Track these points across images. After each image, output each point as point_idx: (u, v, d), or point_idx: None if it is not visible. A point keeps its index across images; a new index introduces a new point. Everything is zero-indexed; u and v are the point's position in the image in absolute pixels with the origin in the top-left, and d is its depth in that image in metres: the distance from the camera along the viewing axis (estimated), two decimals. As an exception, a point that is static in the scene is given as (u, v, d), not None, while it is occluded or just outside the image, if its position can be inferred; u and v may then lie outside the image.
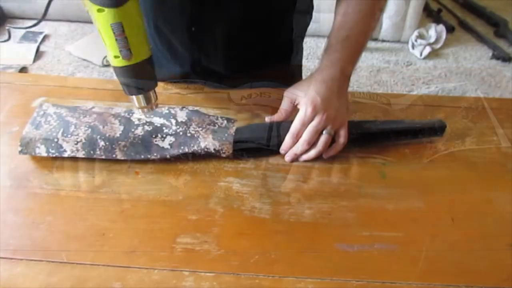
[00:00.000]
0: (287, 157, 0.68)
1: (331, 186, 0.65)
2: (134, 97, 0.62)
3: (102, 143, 0.65)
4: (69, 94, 0.78)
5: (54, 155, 0.64)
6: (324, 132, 0.66)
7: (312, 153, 0.67)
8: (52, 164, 0.66)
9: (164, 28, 0.81)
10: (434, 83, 2.22)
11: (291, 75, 0.94)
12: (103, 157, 0.65)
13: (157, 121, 0.69)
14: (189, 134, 0.67)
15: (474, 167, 0.69)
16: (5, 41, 2.32)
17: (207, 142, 0.66)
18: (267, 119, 0.71)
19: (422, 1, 2.32)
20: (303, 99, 0.67)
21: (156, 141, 0.66)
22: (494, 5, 2.73)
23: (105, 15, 0.52)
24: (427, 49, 2.37)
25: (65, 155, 0.64)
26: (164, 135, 0.67)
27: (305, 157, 0.68)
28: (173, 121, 0.68)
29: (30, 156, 0.66)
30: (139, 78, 0.60)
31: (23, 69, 2.17)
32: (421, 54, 2.36)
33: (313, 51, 2.37)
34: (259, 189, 0.64)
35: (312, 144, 0.67)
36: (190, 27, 0.76)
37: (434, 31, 2.43)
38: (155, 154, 0.65)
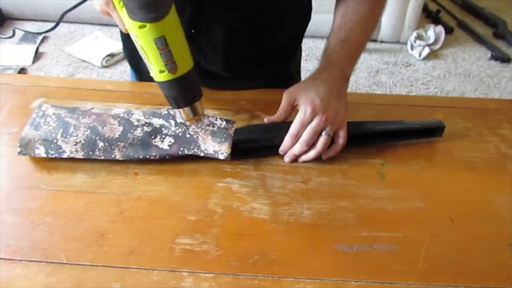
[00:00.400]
0: (286, 158, 0.68)
1: (330, 186, 0.65)
2: (180, 110, 0.60)
3: (101, 144, 0.65)
4: (68, 95, 0.78)
5: (53, 156, 0.64)
6: (323, 133, 0.66)
7: (312, 154, 0.67)
8: (51, 164, 0.66)
9: None
10: (433, 84, 2.22)
11: (289, 76, 0.94)
12: (102, 157, 0.65)
13: (156, 122, 0.69)
14: (188, 135, 0.67)
15: (473, 168, 0.70)
16: (9, 37, 2.32)
17: (206, 143, 0.66)
18: (266, 119, 0.71)
19: (421, 2, 2.32)
20: (302, 99, 0.67)
21: (155, 142, 0.66)
22: (493, 6, 2.74)
23: (148, 30, 0.51)
24: (426, 50, 2.37)
25: (64, 156, 0.64)
26: (163, 136, 0.67)
27: (304, 157, 0.68)
28: (172, 122, 0.68)
29: (29, 157, 0.66)
30: (186, 89, 0.59)
31: (22, 70, 2.16)
32: (420, 55, 2.37)
33: (311, 52, 2.37)
34: (258, 190, 0.64)
35: (311, 145, 0.67)
36: (189, 29, 0.76)
37: (433, 32, 2.43)
38: (154, 153, 0.65)
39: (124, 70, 2.18)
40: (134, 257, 0.54)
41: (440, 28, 2.46)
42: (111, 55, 2.23)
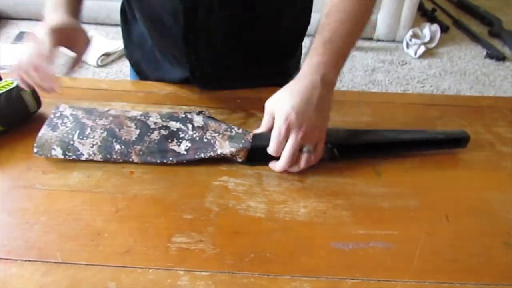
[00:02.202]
0: (276, 169, 0.65)
1: (326, 185, 0.65)
2: None
3: (117, 146, 0.65)
4: (63, 94, 0.78)
5: (71, 158, 0.64)
6: (303, 150, 0.63)
7: (295, 170, 0.64)
8: (47, 164, 0.65)
9: (163, 43, 0.81)
10: (429, 82, 2.22)
11: (290, 76, 0.93)
12: (120, 160, 0.65)
13: (174, 125, 0.68)
14: (205, 140, 0.66)
15: (469, 166, 0.70)
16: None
17: (223, 148, 0.65)
18: (253, 133, 0.67)
19: (416, 0, 2.33)
20: (278, 113, 0.62)
21: (172, 145, 0.66)
22: (489, 4, 2.75)
23: None
24: (422, 49, 2.37)
25: (83, 158, 0.64)
26: (180, 140, 0.66)
27: (290, 170, 0.65)
28: (190, 126, 0.68)
29: (24, 157, 0.66)
30: None
31: (18, 70, 2.15)
32: (415, 54, 2.37)
33: (309, 51, 2.37)
34: (254, 188, 0.64)
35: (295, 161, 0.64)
36: (186, 35, 0.76)
37: (429, 30, 2.44)
38: (170, 158, 0.65)
39: (120, 69, 2.18)
40: (130, 256, 0.54)
41: (435, 27, 2.46)
42: (107, 55, 2.22)
